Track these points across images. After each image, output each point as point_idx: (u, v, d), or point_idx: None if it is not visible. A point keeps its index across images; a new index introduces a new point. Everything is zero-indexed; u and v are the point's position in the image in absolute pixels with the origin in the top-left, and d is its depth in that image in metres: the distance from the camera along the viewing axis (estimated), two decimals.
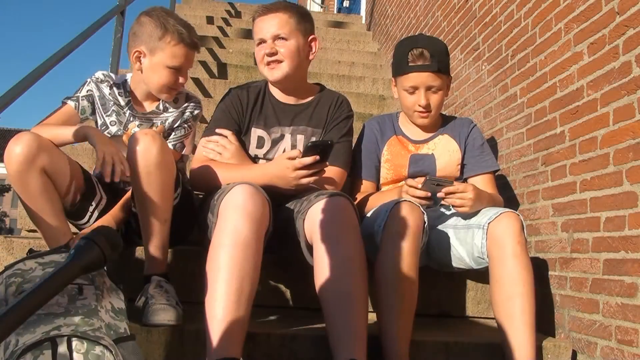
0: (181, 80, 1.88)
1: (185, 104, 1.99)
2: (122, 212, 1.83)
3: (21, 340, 1.15)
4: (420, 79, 1.93)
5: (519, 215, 1.71)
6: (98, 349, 1.17)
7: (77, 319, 1.21)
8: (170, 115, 1.97)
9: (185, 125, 1.98)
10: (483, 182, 2.01)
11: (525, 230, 1.70)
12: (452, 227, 1.87)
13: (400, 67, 1.96)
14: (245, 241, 1.45)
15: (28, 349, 1.12)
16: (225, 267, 1.42)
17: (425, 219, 1.69)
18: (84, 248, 0.84)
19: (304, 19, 1.91)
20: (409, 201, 1.68)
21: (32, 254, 1.39)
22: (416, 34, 2.20)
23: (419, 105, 1.96)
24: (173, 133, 1.97)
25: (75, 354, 1.14)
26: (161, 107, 1.96)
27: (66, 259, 0.82)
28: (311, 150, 1.61)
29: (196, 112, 2.00)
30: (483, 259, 1.75)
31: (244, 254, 1.44)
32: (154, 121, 1.95)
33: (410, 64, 1.92)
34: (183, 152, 2.00)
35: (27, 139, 1.61)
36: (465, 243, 1.80)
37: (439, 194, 1.75)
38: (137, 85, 1.94)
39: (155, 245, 1.68)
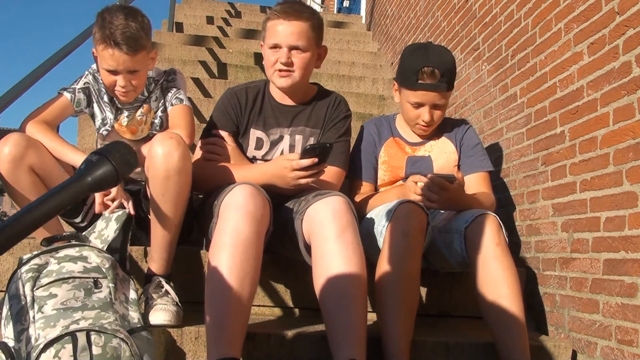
0: (119, 82, 1.78)
1: (163, 79, 1.94)
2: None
3: (42, 334, 1.20)
4: (427, 97, 1.92)
5: (495, 216, 1.70)
6: (115, 342, 1.23)
7: (93, 312, 1.26)
8: (153, 93, 1.93)
9: (175, 92, 1.91)
10: (476, 181, 2.00)
11: (504, 230, 1.69)
12: (436, 230, 1.87)
13: (407, 81, 1.93)
14: (245, 241, 1.45)
15: (50, 344, 1.18)
16: (226, 267, 1.42)
17: (429, 220, 1.68)
18: (95, 163, 0.75)
19: (320, 29, 1.88)
20: (413, 202, 1.68)
21: (45, 245, 1.41)
22: (426, 41, 2.16)
23: (423, 121, 1.96)
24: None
25: (94, 347, 1.20)
26: (145, 92, 1.93)
27: (76, 173, 0.75)
28: (309, 152, 1.61)
29: (170, 76, 1.94)
30: (465, 262, 1.75)
31: (245, 254, 1.44)
32: (138, 109, 1.93)
33: (419, 82, 1.89)
34: None
35: (15, 139, 1.64)
36: (448, 247, 1.79)
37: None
38: None
39: (162, 247, 1.68)
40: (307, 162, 1.62)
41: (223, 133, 1.86)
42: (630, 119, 1.60)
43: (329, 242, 1.49)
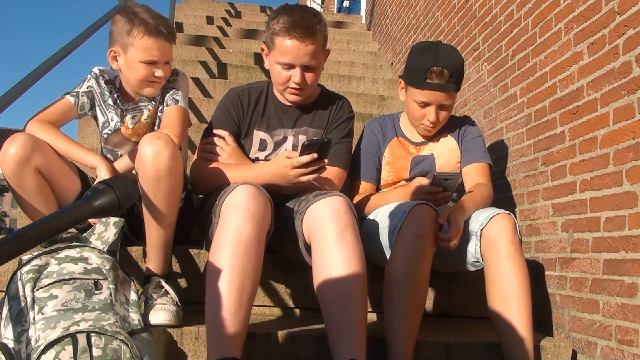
0: (158, 73, 1.82)
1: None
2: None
3: (42, 336, 1.21)
4: (434, 97, 1.91)
5: (511, 215, 1.71)
6: (115, 343, 1.23)
7: (94, 314, 1.27)
8: (158, 94, 1.94)
9: (172, 92, 1.90)
10: (474, 172, 1.99)
11: (519, 229, 1.70)
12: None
13: (415, 79, 1.92)
14: (247, 241, 1.45)
15: (51, 345, 1.19)
16: (227, 267, 1.42)
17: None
18: (101, 191, 0.83)
19: (327, 38, 1.85)
20: (428, 204, 1.68)
21: (46, 246, 1.41)
22: (435, 40, 2.14)
23: (428, 120, 1.95)
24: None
25: (94, 349, 1.21)
26: None
27: (82, 199, 0.83)
28: (308, 148, 1.61)
29: (172, 77, 1.93)
30: (479, 262, 1.75)
31: (246, 254, 1.44)
32: (143, 110, 1.93)
33: (427, 81, 1.88)
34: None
35: (21, 140, 1.63)
36: (459, 248, 1.79)
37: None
38: (126, 86, 1.91)
39: (159, 248, 1.68)
40: (306, 158, 1.61)
41: (224, 133, 1.86)
42: (630, 119, 1.60)
43: (329, 242, 1.49)
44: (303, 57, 1.77)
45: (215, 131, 1.87)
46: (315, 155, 1.61)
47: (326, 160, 1.65)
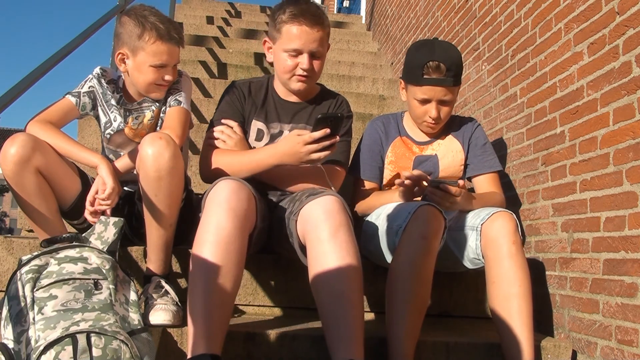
0: (167, 77, 1.83)
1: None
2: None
3: (42, 336, 1.21)
4: (433, 92, 1.91)
5: (512, 214, 1.71)
6: (115, 344, 1.23)
7: (94, 314, 1.27)
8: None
9: (175, 94, 1.91)
10: (486, 182, 2.01)
11: (520, 229, 1.70)
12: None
13: (413, 77, 1.92)
14: (227, 238, 1.44)
15: (50, 345, 1.19)
16: (207, 264, 1.41)
17: (446, 224, 1.69)
18: None
19: (330, 31, 1.89)
20: (433, 205, 1.68)
21: (45, 246, 1.41)
22: (431, 38, 2.15)
23: (430, 117, 1.95)
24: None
25: (94, 349, 1.21)
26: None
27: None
28: (321, 122, 1.60)
29: (178, 78, 1.94)
30: (479, 259, 1.75)
31: (226, 252, 1.43)
32: (146, 111, 1.93)
33: (425, 77, 1.88)
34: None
35: (22, 140, 1.63)
36: (459, 245, 1.79)
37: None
38: (130, 86, 1.92)
39: (159, 248, 1.68)
40: (319, 133, 1.61)
41: (232, 123, 1.87)
42: (630, 119, 1.60)
43: (323, 243, 1.48)
44: (312, 42, 1.80)
45: (224, 121, 1.88)
46: (328, 130, 1.60)
47: (338, 137, 1.64)
